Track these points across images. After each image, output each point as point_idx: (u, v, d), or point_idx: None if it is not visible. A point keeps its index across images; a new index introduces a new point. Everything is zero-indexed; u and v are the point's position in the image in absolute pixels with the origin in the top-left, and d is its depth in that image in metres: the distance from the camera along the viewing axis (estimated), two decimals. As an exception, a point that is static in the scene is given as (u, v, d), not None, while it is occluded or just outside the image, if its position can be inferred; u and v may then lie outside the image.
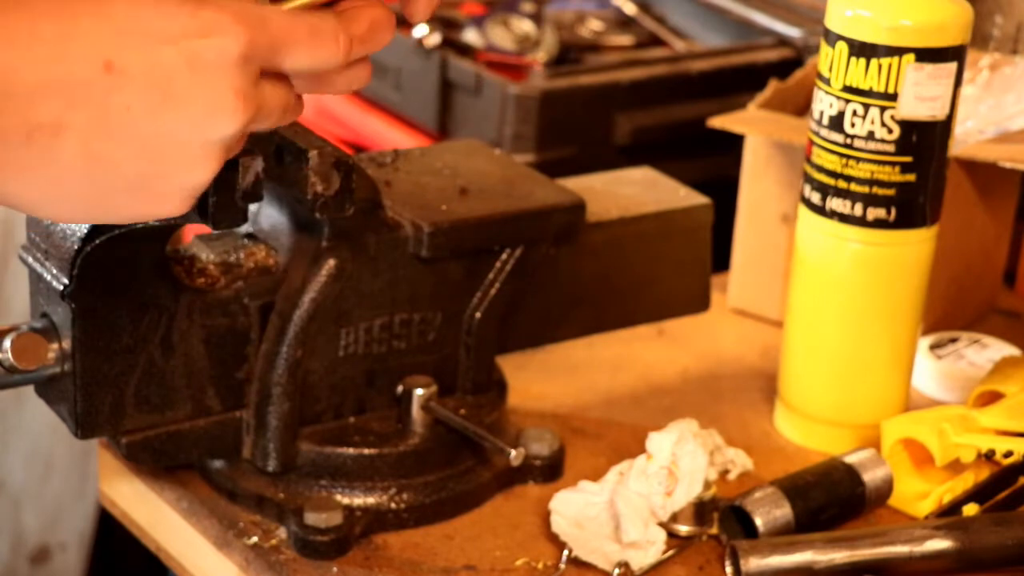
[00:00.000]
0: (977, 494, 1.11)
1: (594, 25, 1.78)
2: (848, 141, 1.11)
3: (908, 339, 1.17)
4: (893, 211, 1.12)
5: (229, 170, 0.84)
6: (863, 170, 1.11)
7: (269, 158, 0.94)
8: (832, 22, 1.11)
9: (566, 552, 1.02)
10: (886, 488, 1.10)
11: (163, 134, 0.74)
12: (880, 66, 1.09)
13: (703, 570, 1.03)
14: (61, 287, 0.94)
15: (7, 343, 0.95)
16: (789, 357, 1.19)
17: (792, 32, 1.69)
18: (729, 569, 1.01)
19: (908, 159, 1.11)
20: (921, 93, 1.09)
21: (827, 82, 1.12)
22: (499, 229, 1.08)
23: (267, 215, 1.04)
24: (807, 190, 1.15)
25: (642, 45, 1.79)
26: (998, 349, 1.30)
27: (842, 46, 1.10)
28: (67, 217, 0.77)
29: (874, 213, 1.12)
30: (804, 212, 1.16)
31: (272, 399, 1.02)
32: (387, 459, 1.04)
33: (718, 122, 1.34)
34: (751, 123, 1.35)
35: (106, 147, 0.73)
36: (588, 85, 1.53)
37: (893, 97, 1.09)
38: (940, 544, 1.03)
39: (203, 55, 0.73)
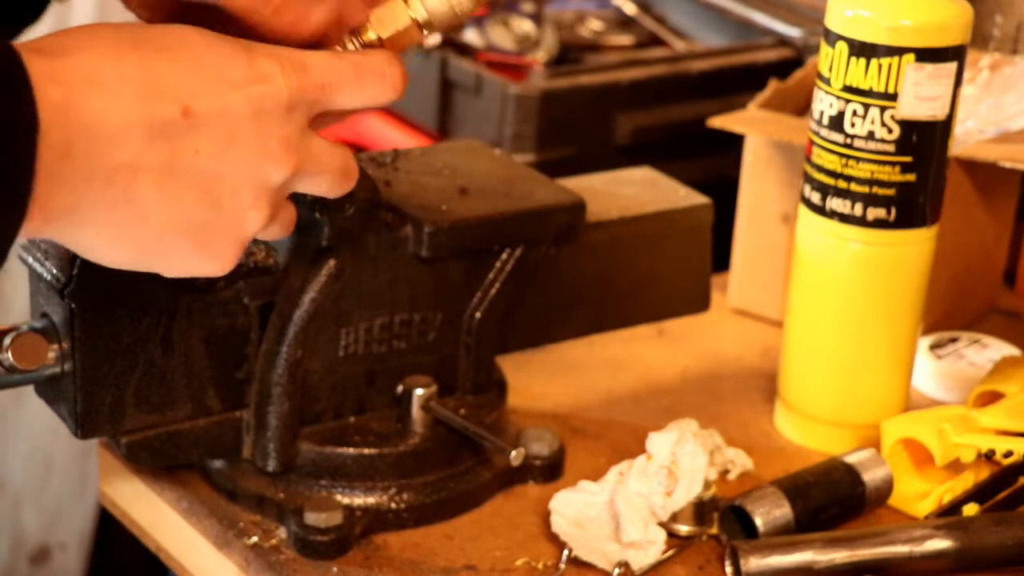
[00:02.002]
0: (977, 494, 1.11)
1: (594, 25, 1.78)
2: (848, 141, 1.11)
3: (908, 339, 1.17)
4: (893, 211, 1.12)
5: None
6: (863, 170, 1.11)
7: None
8: (832, 22, 1.11)
9: (566, 552, 1.02)
10: (886, 488, 1.10)
11: (222, 179, 0.76)
12: (880, 66, 1.09)
13: (703, 570, 1.03)
14: (61, 287, 0.94)
15: (7, 343, 0.95)
16: (789, 357, 1.19)
17: (792, 32, 1.70)
18: (729, 569, 1.01)
19: (908, 159, 1.11)
20: (921, 93, 1.09)
21: (827, 82, 1.12)
22: (499, 229, 1.08)
23: (267, 215, 1.04)
24: (807, 190, 1.15)
25: (642, 45, 1.79)
26: (998, 349, 1.30)
27: (842, 46, 1.10)
28: (119, 263, 0.78)
29: (874, 213, 1.12)
30: (804, 212, 1.16)
31: (272, 399, 1.02)
32: (387, 459, 1.04)
33: (718, 122, 1.34)
34: (751, 123, 1.35)
35: (176, 188, 0.75)
36: (588, 85, 1.53)
37: (893, 97, 1.09)
38: (940, 544, 1.02)
39: (263, 103, 0.76)
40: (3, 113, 0.67)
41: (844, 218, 1.13)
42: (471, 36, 1.69)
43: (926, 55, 1.08)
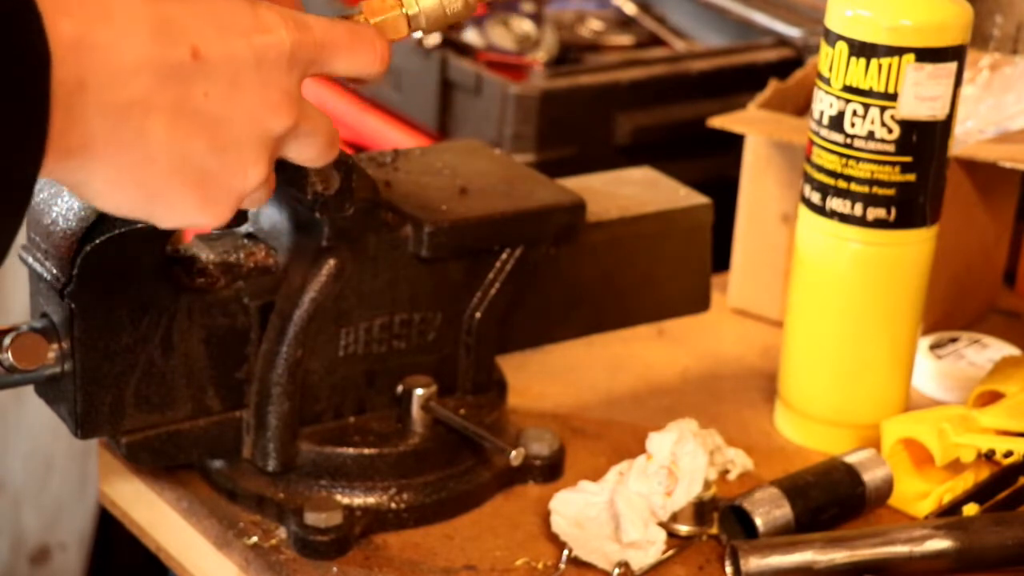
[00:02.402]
0: (977, 494, 1.11)
1: (594, 25, 1.78)
2: (848, 141, 1.11)
3: (908, 339, 1.17)
4: (893, 211, 1.12)
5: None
6: (863, 170, 1.11)
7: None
8: (832, 22, 1.11)
9: (566, 552, 1.02)
10: (886, 488, 1.10)
11: (229, 125, 0.76)
12: (880, 66, 1.09)
13: (703, 570, 1.03)
14: (61, 287, 0.94)
15: (7, 343, 0.95)
16: (789, 357, 1.19)
17: (792, 32, 1.69)
18: (729, 569, 1.01)
19: (908, 159, 1.11)
20: (921, 93, 1.09)
21: (827, 82, 1.12)
22: (499, 229, 1.08)
23: (267, 215, 1.04)
24: (807, 190, 1.15)
25: (642, 45, 1.79)
26: (998, 349, 1.30)
27: (842, 46, 1.10)
28: (121, 208, 0.78)
29: (874, 213, 1.12)
30: (804, 212, 1.16)
31: (272, 399, 1.02)
32: (387, 459, 1.04)
33: (718, 122, 1.34)
34: (751, 123, 1.35)
35: (184, 130, 0.75)
36: (588, 85, 1.53)
37: (893, 97, 1.09)
38: (940, 544, 1.02)
39: (267, 52, 0.77)
40: (13, 46, 0.67)
41: (844, 218, 1.13)
42: (471, 36, 1.69)
43: (926, 55, 1.08)
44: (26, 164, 0.69)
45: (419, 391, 1.06)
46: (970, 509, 1.09)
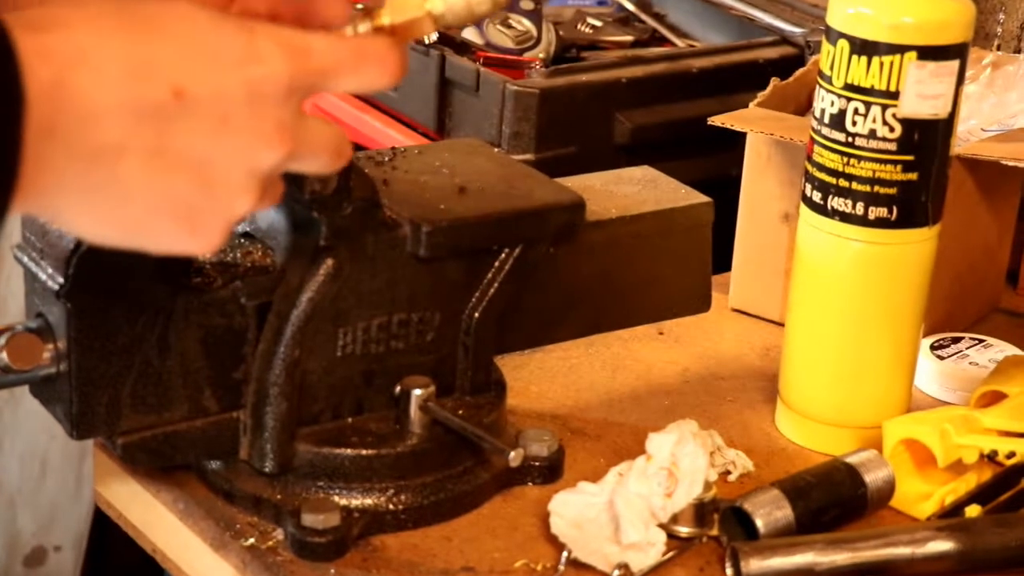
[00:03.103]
0: (979, 495, 1.10)
1: (594, 23, 1.78)
2: (850, 140, 1.11)
3: (910, 339, 1.17)
4: (895, 210, 1.11)
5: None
6: (865, 169, 1.11)
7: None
8: (833, 20, 1.11)
9: (565, 554, 1.02)
10: (888, 489, 1.09)
11: (214, 162, 0.74)
12: (882, 64, 1.08)
13: (703, 572, 1.03)
14: (57, 287, 0.94)
15: (2, 343, 0.95)
16: (790, 357, 1.19)
17: (793, 30, 1.69)
18: (730, 571, 1.01)
19: (910, 158, 1.10)
20: (923, 91, 1.08)
21: (828, 80, 1.11)
22: (498, 228, 1.07)
23: (264, 214, 1.04)
24: (808, 189, 1.14)
25: (642, 43, 1.78)
26: (1001, 349, 1.30)
27: (843, 44, 1.09)
28: (104, 241, 0.77)
29: (876, 212, 1.11)
30: (805, 211, 1.15)
31: (269, 399, 1.01)
32: (385, 460, 1.04)
33: (719, 120, 1.34)
34: (752, 121, 1.34)
35: (163, 171, 0.73)
36: (588, 83, 1.52)
37: (895, 95, 1.09)
38: (942, 546, 1.02)
39: (260, 89, 0.75)
40: None
41: (845, 217, 1.12)
42: (470, 34, 1.68)
43: (928, 53, 1.08)
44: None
45: (417, 391, 1.05)
46: (972, 510, 1.08)
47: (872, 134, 1.10)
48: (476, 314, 1.08)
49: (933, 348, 1.29)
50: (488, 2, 0.86)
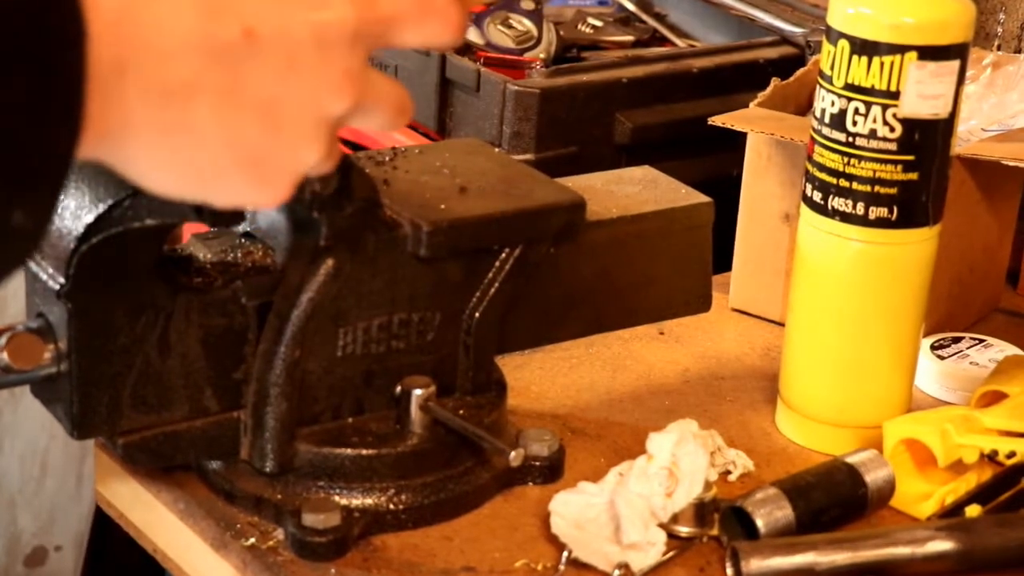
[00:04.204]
0: (980, 495, 1.10)
1: (594, 23, 1.78)
2: (850, 140, 1.11)
3: (910, 339, 1.17)
4: (895, 210, 1.11)
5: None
6: (865, 169, 1.11)
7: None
8: (834, 19, 1.11)
9: (566, 553, 1.02)
10: (888, 489, 1.09)
11: (283, 105, 0.73)
12: (882, 64, 1.08)
13: (704, 572, 1.03)
14: (57, 287, 0.94)
15: (2, 343, 0.95)
16: (790, 357, 1.19)
17: (794, 30, 1.69)
18: (730, 571, 1.01)
19: (910, 158, 1.10)
20: (923, 91, 1.08)
21: (829, 80, 1.11)
22: (498, 228, 1.07)
23: (264, 214, 1.04)
24: (809, 189, 1.14)
25: (642, 43, 1.78)
26: (1001, 349, 1.30)
27: (844, 44, 1.09)
28: (171, 190, 0.75)
29: (876, 212, 1.11)
30: (806, 211, 1.15)
31: (270, 399, 1.01)
32: (385, 460, 1.04)
33: (719, 120, 1.34)
34: (753, 121, 1.34)
35: (234, 113, 0.72)
36: (588, 83, 1.52)
37: (895, 95, 1.09)
38: (942, 545, 1.02)
39: (327, 30, 0.73)
40: (48, 19, 0.64)
41: (846, 217, 1.12)
42: (470, 34, 1.68)
43: (928, 53, 1.08)
44: (62, 141, 0.66)
45: (418, 391, 1.05)
46: (973, 510, 1.08)
47: (872, 134, 1.10)
48: (477, 314, 1.08)
49: (933, 348, 1.29)
50: None
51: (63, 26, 0.64)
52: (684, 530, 1.05)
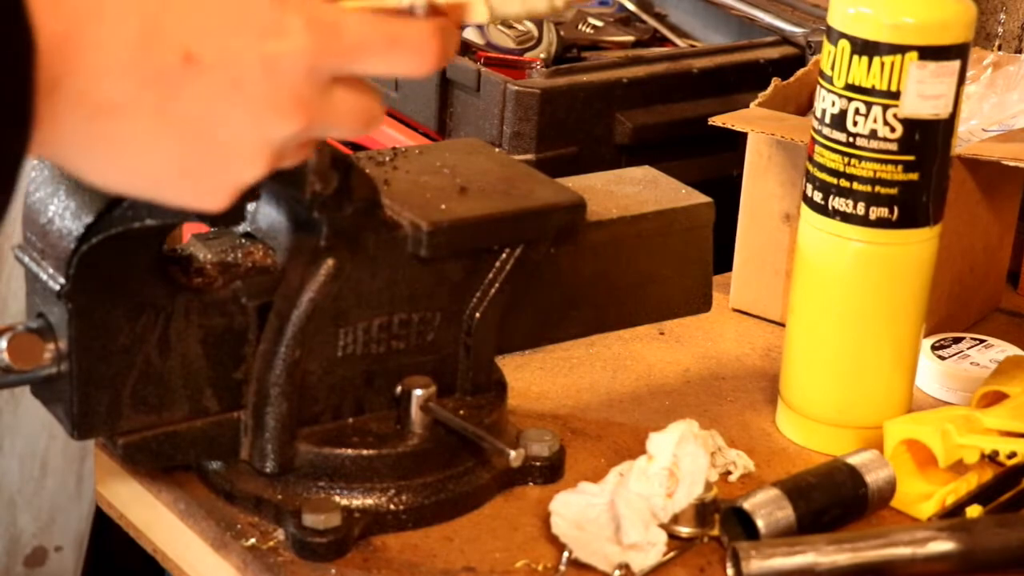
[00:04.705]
0: (980, 495, 1.10)
1: (595, 23, 1.78)
2: (850, 140, 1.10)
3: (911, 339, 1.17)
4: (896, 210, 1.11)
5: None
6: (866, 169, 1.11)
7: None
8: (834, 20, 1.11)
9: (566, 554, 1.01)
10: (889, 489, 1.09)
11: (222, 126, 0.73)
12: (883, 64, 1.08)
13: (704, 572, 1.03)
14: (57, 287, 0.94)
15: (3, 343, 0.95)
16: (791, 357, 1.19)
17: (794, 30, 1.69)
18: (731, 571, 1.01)
19: (911, 158, 1.10)
20: (924, 91, 1.08)
21: (829, 80, 1.11)
22: (499, 228, 1.07)
23: (265, 214, 1.03)
24: (809, 189, 1.14)
25: (643, 43, 1.78)
26: (1002, 349, 1.30)
27: (844, 44, 1.09)
28: (120, 191, 0.76)
29: (877, 212, 1.11)
30: (806, 211, 1.15)
31: (270, 400, 1.01)
32: (386, 460, 1.04)
33: (720, 120, 1.34)
34: (753, 121, 1.34)
35: (168, 131, 0.72)
36: (588, 83, 1.52)
37: (896, 95, 1.08)
38: (943, 546, 1.02)
39: (278, 60, 0.73)
40: (8, 42, 0.66)
41: (846, 217, 1.12)
42: (471, 34, 1.68)
43: (929, 53, 1.08)
44: (14, 144, 0.68)
45: (418, 392, 1.05)
46: (973, 511, 1.08)
47: (873, 134, 1.10)
48: (477, 314, 1.08)
49: (934, 348, 1.29)
50: (545, 1, 0.83)
51: (11, 45, 0.66)
52: (685, 530, 1.05)
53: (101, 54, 0.70)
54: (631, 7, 1.84)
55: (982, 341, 1.31)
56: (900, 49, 1.07)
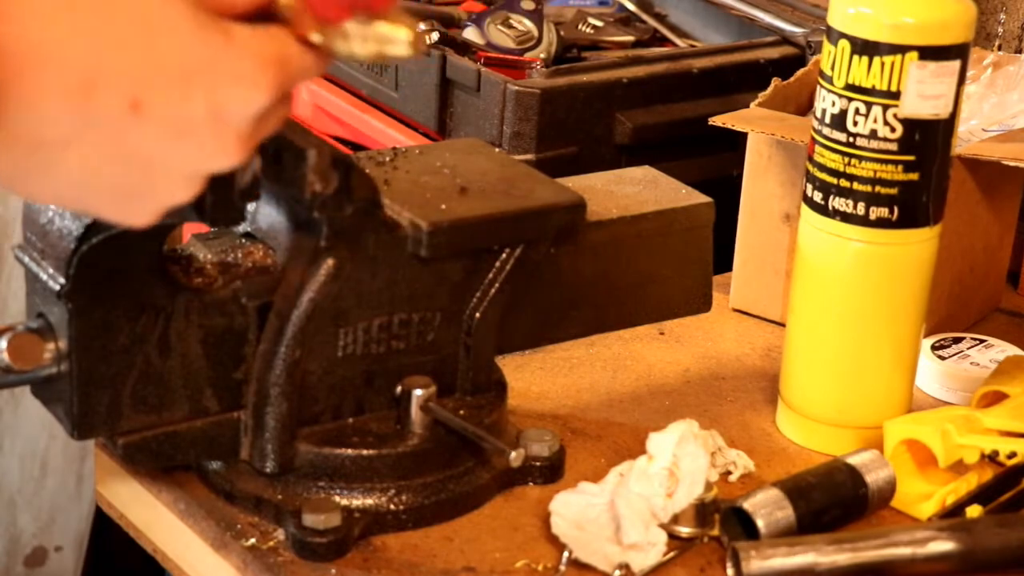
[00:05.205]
0: (980, 495, 1.10)
1: (595, 23, 1.78)
2: (851, 140, 1.10)
3: (911, 339, 1.17)
4: (896, 210, 1.11)
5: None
6: (866, 169, 1.10)
7: (267, 157, 0.93)
8: (834, 20, 1.11)
9: (566, 554, 1.01)
10: (889, 489, 1.09)
11: (162, 164, 0.73)
12: (883, 64, 1.08)
13: (704, 572, 1.03)
14: (58, 287, 0.94)
15: (3, 343, 0.95)
16: (791, 357, 1.19)
17: (794, 30, 1.69)
18: (731, 571, 1.01)
19: (911, 158, 1.10)
20: (924, 91, 1.08)
21: (829, 80, 1.11)
22: (499, 228, 1.07)
23: (265, 214, 1.03)
24: (809, 189, 1.14)
25: (643, 43, 1.78)
26: (1002, 349, 1.30)
27: (844, 44, 1.09)
28: (53, 204, 0.80)
29: (877, 212, 1.11)
30: (806, 211, 1.15)
31: (270, 400, 1.01)
32: (386, 460, 1.04)
33: (720, 120, 1.34)
34: (753, 121, 1.34)
35: (105, 168, 0.72)
36: (588, 83, 1.52)
37: (896, 95, 1.08)
38: (943, 546, 1.02)
39: (227, 108, 0.72)
40: None
41: (847, 217, 1.12)
42: (471, 34, 1.68)
43: (929, 53, 1.08)
44: None
45: (418, 392, 1.05)
46: (973, 511, 1.08)
47: (873, 134, 1.10)
48: (477, 314, 1.08)
49: (934, 348, 1.29)
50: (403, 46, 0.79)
51: None
52: (685, 530, 1.05)
53: (45, 96, 0.68)
54: (631, 7, 1.84)
55: (982, 341, 1.31)
56: (900, 49, 1.07)
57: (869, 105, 1.09)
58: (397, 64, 1.60)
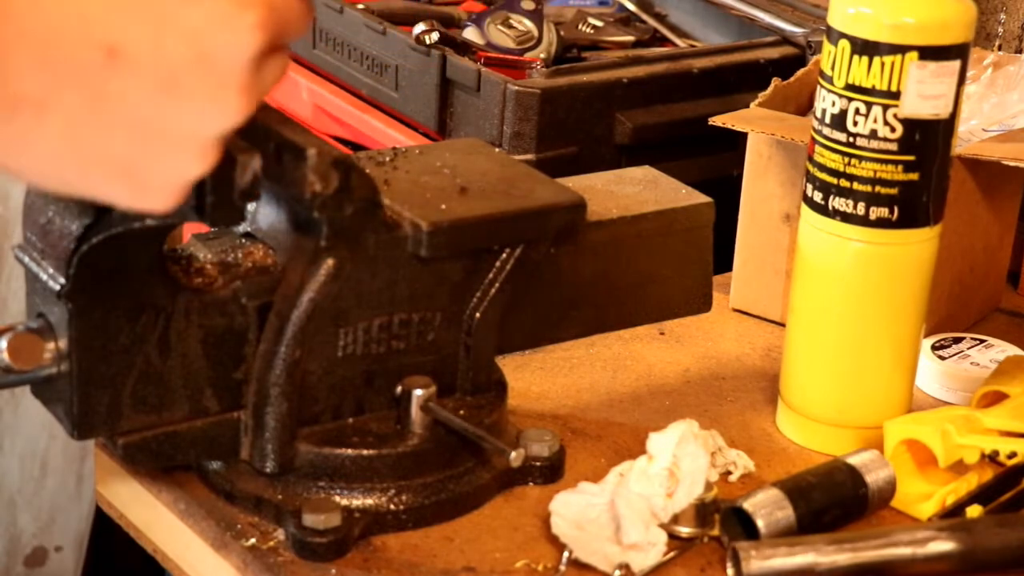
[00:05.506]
0: (981, 495, 1.10)
1: (595, 23, 1.78)
2: (851, 140, 1.10)
3: (911, 339, 1.17)
4: (896, 210, 1.11)
5: (226, 168, 0.84)
6: (866, 169, 1.11)
7: (267, 156, 0.93)
8: (834, 20, 1.11)
9: (566, 554, 1.01)
10: (889, 489, 1.09)
11: (159, 123, 0.70)
12: (883, 64, 1.08)
13: (704, 572, 1.03)
14: (58, 287, 0.94)
15: (3, 343, 0.95)
16: (791, 357, 1.19)
17: (795, 30, 1.69)
18: (731, 571, 1.01)
19: (911, 158, 1.10)
20: (924, 91, 1.08)
21: (829, 80, 1.11)
22: (499, 228, 1.07)
23: (265, 214, 1.03)
24: (809, 189, 1.14)
25: (643, 43, 1.78)
26: (1002, 349, 1.30)
27: (844, 44, 1.09)
28: (51, 188, 0.73)
29: (877, 212, 1.11)
30: (806, 211, 1.15)
31: (270, 400, 1.01)
32: (386, 460, 1.04)
33: (720, 120, 1.34)
34: (753, 121, 1.34)
35: (93, 131, 0.69)
36: (588, 83, 1.52)
37: (896, 95, 1.08)
38: (943, 546, 1.02)
39: (215, 53, 0.69)
40: None
41: (847, 217, 1.12)
42: (471, 34, 1.68)
43: (929, 53, 1.08)
44: None
45: (418, 392, 1.05)
46: (974, 511, 1.08)
47: (873, 134, 1.10)
48: (477, 314, 1.08)
49: (934, 348, 1.29)
50: None
51: None
52: (685, 530, 1.05)
53: (12, 50, 0.66)
54: (631, 7, 1.84)
55: (982, 341, 1.31)
56: (900, 49, 1.07)
57: (869, 105, 1.09)
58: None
